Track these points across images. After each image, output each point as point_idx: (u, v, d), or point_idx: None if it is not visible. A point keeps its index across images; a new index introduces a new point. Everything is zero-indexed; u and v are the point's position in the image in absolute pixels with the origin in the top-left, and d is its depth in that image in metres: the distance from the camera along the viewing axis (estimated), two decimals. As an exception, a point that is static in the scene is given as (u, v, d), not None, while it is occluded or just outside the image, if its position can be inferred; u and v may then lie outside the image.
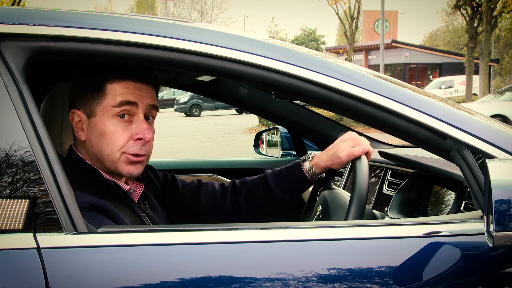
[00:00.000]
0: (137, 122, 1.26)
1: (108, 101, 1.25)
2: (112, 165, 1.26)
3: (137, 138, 1.25)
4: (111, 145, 1.25)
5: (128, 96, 1.25)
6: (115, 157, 1.25)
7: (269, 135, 2.93)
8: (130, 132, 1.26)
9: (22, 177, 0.96)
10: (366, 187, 1.23)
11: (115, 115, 1.25)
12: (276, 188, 1.52)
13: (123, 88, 1.25)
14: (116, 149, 1.25)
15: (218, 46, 1.11)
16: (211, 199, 1.56)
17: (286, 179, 1.53)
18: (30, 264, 0.91)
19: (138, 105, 1.26)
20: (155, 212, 1.42)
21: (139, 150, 1.26)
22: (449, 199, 1.58)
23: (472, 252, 1.06)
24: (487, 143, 1.10)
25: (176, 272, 0.96)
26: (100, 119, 1.26)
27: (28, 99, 1.00)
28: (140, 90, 1.27)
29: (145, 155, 1.28)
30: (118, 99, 1.24)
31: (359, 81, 1.14)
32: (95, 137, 1.27)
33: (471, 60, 19.04)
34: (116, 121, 1.25)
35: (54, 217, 0.96)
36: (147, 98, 1.28)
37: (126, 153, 1.25)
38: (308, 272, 0.98)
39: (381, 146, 2.27)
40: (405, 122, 1.13)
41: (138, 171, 1.29)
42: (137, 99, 1.26)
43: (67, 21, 1.07)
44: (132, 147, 1.25)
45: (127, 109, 1.25)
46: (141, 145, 1.26)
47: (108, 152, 1.25)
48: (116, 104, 1.24)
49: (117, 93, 1.25)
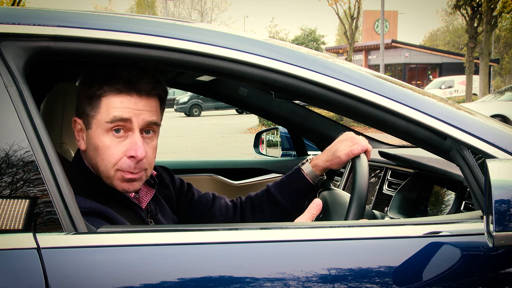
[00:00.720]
0: (131, 138, 1.20)
1: (102, 115, 1.19)
2: (107, 180, 1.23)
3: (130, 155, 1.20)
4: (105, 161, 1.21)
5: (122, 111, 1.18)
6: (110, 174, 1.21)
7: (269, 135, 2.93)
8: (124, 147, 1.20)
9: (22, 177, 0.96)
10: (366, 186, 1.23)
11: (109, 131, 1.19)
12: (279, 197, 1.51)
13: (117, 102, 1.18)
14: (110, 166, 1.20)
15: (218, 46, 1.11)
16: (223, 213, 1.55)
17: (288, 186, 1.51)
18: (30, 264, 0.91)
19: (132, 121, 1.19)
20: (164, 217, 1.39)
21: (132, 168, 1.21)
22: (449, 199, 1.58)
23: (472, 252, 1.06)
24: (487, 143, 1.10)
25: (176, 272, 0.96)
26: (95, 133, 1.21)
27: (28, 99, 1.00)
28: (136, 104, 1.19)
29: (139, 172, 1.23)
30: (110, 114, 1.18)
31: (359, 81, 1.14)
32: (91, 150, 1.23)
33: (471, 60, 19.04)
34: (111, 136, 1.20)
35: (54, 217, 0.95)
36: (144, 113, 1.20)
37: (120, 170, 1.21)
38: (308, 272, 0.98)
39: (381, 146, 2.27)
40: (405, 122, 1.13)
41: (135, 188, 1.24)
42: (132, 114, 1.19)
43: (67, 21, 1.07)
44: (125, 164, 1.20)
45: (120, 125, 1.19)
46: (134, 162, 1.20)
47: (102, 168, 1.22)
48: (108, 120, 1.18)
49: (110, 107, 1.18)
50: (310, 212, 1.21)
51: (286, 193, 1.50)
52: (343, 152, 1.39)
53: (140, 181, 1.25)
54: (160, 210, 1.40)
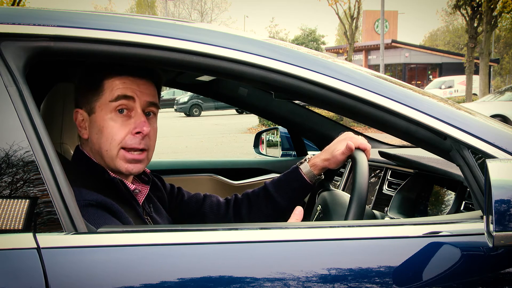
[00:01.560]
0: (136, 117, 1.26)
1: (106, 96, 1.25)
2: (111, 162, 1.26)
3: (136, 132, 1.25)
4: (109, 140, 1.25)
5: (125, 90, 1.25)
6: (114, 153, 1.25)
7: (269, 135, 2.93)
8: (128, 126, 1.25)
9: (22, 177, 0.96)
10: (366, 185, 1.24)
11: (113, 110, 1.25)
12: (276, 195, 1.52)
13: (120, 83, 1.25)
14: (114, 144, 1.24)
15: (218, 46, 1.11)
16: (215, 210, 1.57)
17: (285, 184, 1.52)
18: (30, 264, 0.91)
19: (135, 99, 1.25)
20: (159, 215, 1.41)
21: (137, 143, 1.25)
22: (449, 199, 1.58)
23: (472, 252, 1.06)
24: (487, 143, 1.10)
25: (176, 272, 0.96)
26: (99, 115, 1.26)
27: (28, 99, 1.00)
28: (138, 85, 1.27)
29: (144, 150, 1.27)
30: (115, 94, 1.24)
31: (359, 81, 1.14)
32: (95, 133, 1.27)
33: (471, 60, 19.04)
34: (115, 116, 1.25)
35: (54, 217, 0.96)
36: (145, 94, 1.27)
37: (124, 149, 1.25)
38: (308, 272, 0.98)
39: (381, 146, 2.27)
40: (405, 122, 1.13)
41: (138, 169, 1.28)
42: (134, 93, 1.25)
43: (67, 21, 1.07)
44: (130, 141, 1.25)
45: (124, 103, 1.24)
46: (140, 138, 1.25)
47: (107, 148, 1.25)
48: (113, 99, 1.24)
49: (114, 87, 1.25)
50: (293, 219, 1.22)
51: (284, 192, 1.51)
52: (340, 151, 1.41)
53: (143, 163, 1.29)
54: (155, 209, 1.42)
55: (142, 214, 1.32)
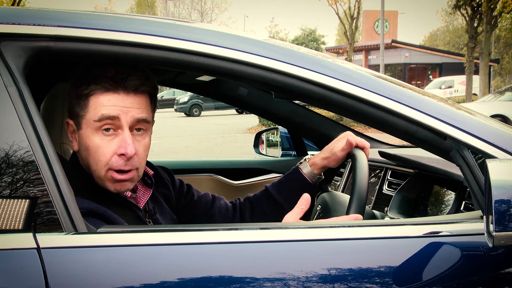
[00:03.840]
0: (121, 136, 1.19)
1: (91, 115, 1.19)
2: (99, 181, 1.23)
3: (120, 153, 1.19)
4: (96, 160, 1.20)
5: (109, 110, 1.18)
6: (101, 174, 1.21)
7: (269, 135, 2.92)
8: (114, 146, 1.19)
9: (22, 177, 0.96)
10: (366, 180, 1.24)
11: (98, 129, 1.19)
12: (278, 197, 1.51)
13: (105, 100, 1.18)
14: (101, 166, 1.20)
15: (218, 46, 1.11)
16: (223, 213, 1.56)
17: (286, 185, 1.52)
18: (30, 264, 0.91)
19: (120, 118, 1.18)
20: (163, 217, 1.39)
21: (123, 165, 1.20)
22: (449, 199, 1.57)
23: (472, 252, 1.06)
24: (487, 143, 1.10)
25: (176, 272, 0.96)
26: (85, 132, 1.21)
27: (28, 99, 1.00)
28: (123, 101, 1.19)
29: (130, 170, 1.22)
30: (98, 113, 1.18)
31: (359, 81, 1.14)
32: (83, 150, 1.23)
33: (471, 60, 19.04)
34: (101, 135, 1.19)
35: (54, 217, 0.95)
36: (133, 110, 1.20)
37: (111, 169, 1.20)
38: (308, 272, 0.98)
39: (381, 146, 2.27)
40: (405, 122, 1.13)
41: (126, 188, 1.24)
42: (120, 112, 1.18)
43: (67, 21, 1.07)
44: (116, 162, 1.20)
45: (108, 123, 1.18)
46: (125, 160, 1.20)
47: (94, 168, 1.22)
48: (97, 119, 1.18)
49: (98, 106, 1.18)
50: (300, 208, 1.21)
51: (285, 193, 1.51)
52: (339, 148, 1.42)
53: (132, 182, 1.25)
54: (159, 209, 1.40)
55: (143, 217, 1.30)
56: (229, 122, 19.56)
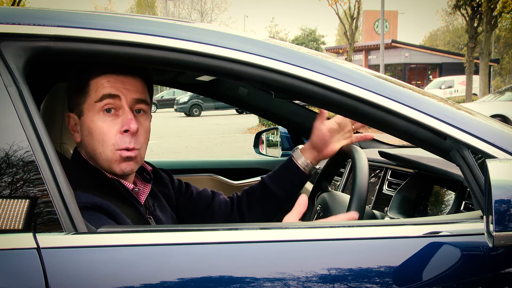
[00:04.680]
0: (123, 115, 1.23)
1: (92, 97, 1.23)
2: (105, 164, 1.25)
3: (123, 130, 1.23)
4: (101, 142, 1.23)
5: (110, 89, 1.23)
6: (108, 155, 1.23)
7: (269, 135, 2.92)
8: (117, 126, 1.23)
9: (22, 177, 0.96)
10: (366, 179, 1.25)
11: (100, 110, 1.23)
12: (272, 185, 1.55)
13: (105, 82, 1.23)
14: (107, 146, 1.23)
15: (218, 46, 1.11)
16: (223, 208, 1.58)
17: (280, 173, 1.56)
18: (30, 264, 0.91)
19: (121, 98, 1.23)
20: (163, 214, 1.40)
21: (128, 143, 1.23)
22: (449, 199, 1.57)
23: (472, 252, 1.06)
24: (487, 143, 1.10)
25: (176, 272, 0.96)
26: (87, 116, 1.24)
27: (28, 99, 1.00)
28: (123, 83, 1.24)
29: (134, 149, 1.24)
30: (99, 93, 1.22)
31: (359, 81, 1.14)
32: (86, 136, 1.26)
33: (471, 60, 19.04)
34: (102, 116, 1.23)
35: (54, 217, 0.95)
36: (131, 91, 1.25)
37: (118, 149, 1.23)
38: (308, 272, 0.98)
39: (381, 146, 2.27)
40: (405, 122, 1.13)
41: (131, 168, 1.26)
42: (119, 91, 1.23)
43: (67, 21, 1.07)
44: (121, 140, 1.23)
45: (110, 102, 1.22)
46: (129, 137, 1.23)
47: (100, 150, 1.24)
48: (98, 99, 1.22)
49: (99, 87, 1.23)
50: (297, 209, 1.22)
51: (280, 182, 1.55)
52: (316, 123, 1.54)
53: (137, 162, 1.27)
54: (159, 206, 1.41)
55: (144, 213, 1.31)
56: (229, 122, 19.56)
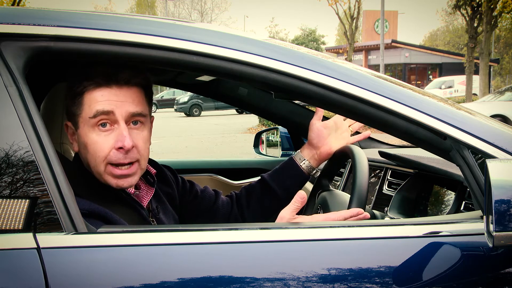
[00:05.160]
0: (117, 130, 1.20)
1: (86, 112, 1.20)
2: (100, 177, 1.23)
3: (117, 147, 1.19)
4: (94, 156, 1.20)
5: (103, 104, 1.19)
6: (100, 169, 1.21)
7: (269, 135, 2.92)
8: (112, 141, 1.20)
9: (22, 177, 0.96)
10: (366, 179, 1.26)
11: (95, 126, 1.20)
12: (272, 183, 1.57)
13: (98, 96, 1.19)
14: (99, 161, 1.20)
15: (218, 46, 1.11)
16: (225, 207, 1.59)
17: (280, 172, 1.58)
18: (30, 264, 0.91)
19: (115, 113, 1.19)
20: (166, 216, 1.39)
21: (122, 159, 1.20)
22: (449, 199, 1.57)
23: (472, 252, 1.06)
24: (487, 143, 1.10)
25: (176, 272, 0.96)
26: (82, 130, 1.22)
27: (28, 99, 1.00)
28: (116, 96, 1.20)
29: (131, 163, 1.22)
30: (93, 110, 1.19)
31: (359, 81, 1.14)
32: (81, 149, 1.24)
33: (471, 60, 19.04)
34: (97, 131, 1.20)
35: (54, 217, 0.95)
36: (127, 104, 1.20)
37: (110, 164, 1.20)
38: (308, 272, 0.98)
39: (381, 146, 2.27)
40: (405, 122, 1.13)
41: (129, 183, 1.23)
42: (113, 106, 1.19)
43: (67, 21, 1.07)
44: (114, 156, 1.20)
45: (103, 118, 1.19)
46: (123, 153, 1.20)
47: (93, 164, 1.22)
48: (92, 115, 1.19)
49: (92, 102, 1.19)
50: (295, 205, 1.20)
51: (280, 181, 1.57)
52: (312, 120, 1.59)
53: (135, 176, 1.24)
54: (162, 209, 1.40)
55: (147, 216, 1.30)
56: (229, 122, 19.56)
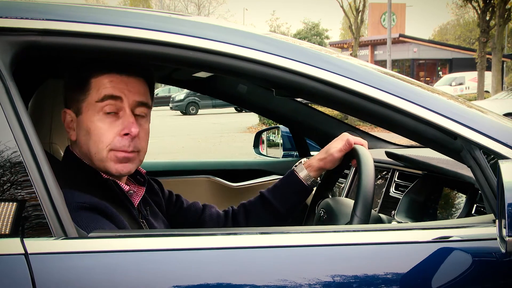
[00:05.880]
0: (124, 117, 1.25)
1: (93, 96, 1.24)
2: (101, 164, 1.26)
3: (124, 133, 1.24)
4: (97, 142, 1.24)
5: (112, 90, 1.24)
6: (103, 155, 1.24)
7: (269, 135, 2.93)
8: (117, 128, 1.24)
9: (9, 179, 0.96)
10: (372, 181, 1.25)
11: (100, 111, 1.24)
12: (274, 201, 1.54)
13: (107, 82, 1.24)
14: (102, 147, 1.24)
15: (216, 41, 1.11)
16: (214, 219, 1.59)
17: (282, 189, 1.56)
18: (18, 271, 0.91)
19: (123, 99, 1.24)
20: (155, 219, 1.42)
21: (126, 146, 1.24)
22: (460, 202, 1.58)
23: (484, 258, 1.06)
24: (500, 143, 1.10)
25: (171, 279, 0.96)
26: (86, 116, 1.25)
27: (15, 97, 1.00)
28: (126, 84, 1.25)
29: (133, 151, 1.26)
30: (101, 93, 1.23)
31: (364, 78, 1.14)
32: (83, 136, 1.27)
33: (483, 56, 19.05)
34: (102, 117, 1.24)
35: (43, 221, 0.95)
36: (134, 93, 1.26)
37: (114, 150, 1.24)
38: (311, 280, 0.98)
39: (388, 146, 2.27)
40: (413, 121, 1.14)
41: (128, 170, 1.27)
42: (121, 93, 1.24)
43: (56, 14, 1.07)
44: (119, 143, 1.24)
45: (111, 103, 1.23)
46: (129, 140, 1.24)
47: (95, 151, 1.25)
48: (99, 99, 1.23)
49: (101, 87, 1.24)
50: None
51: (281, 197, 1.55)
52: (336, 149, 1.46)
53: (134, 163, 1.28)
54: (151, 212, 1.42)
55: (137, 217, 1.32)
56: (227, 121, 19.58)
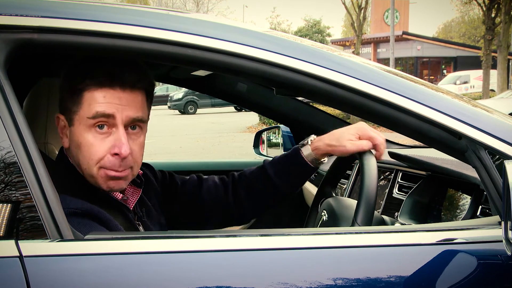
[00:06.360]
0: (115, 135, 1.21)
1: (84, 111, 1.20)
2: (91, 179, 1.24)
3: (114, 152, 1.20)
4: (87, 158, 1.21)
5: (104, 107, 1.19)
6: (93, 172, 1.22)
7: (270, 135, 2.93)
8: (108, 144, 1.21)
9: (3, 180, 0.96)
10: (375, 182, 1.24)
11: (91, 126, 1.20)
12: (275, 177, 1.51)
13: (100, 97, 1.20)
14: (92, 164, 1.21)
15: (215, 39, 1.11)
16: (213, 194, 1.55)
17: (285, 167, 1.51)
18: (12, 274, 0.91)
19: (115, 116, 1.20)
20: (150, 220, 1.41)
21: (116, 166, 1.21)
22: (465, 204, 1.58)
23: (489, 260, 1.06)
24: (506, 143, 1.10)
25: (169, 282, 0.96)
26: (77, 129, 1.22)
27: (10, 96, 1.00)
28: (120, 99, 1.20)
29: (124, 171, 1.23)
30: (92, 110, 1.19)
31: (367, 76, 1.14)
32: (74, 147, 1.24)
33: (488, 54, 19.06)
34: (94, 132, 1.21)
35: (38, 223, 0.95)
36: (128, 108, 1.21)
37: (104, 168, 1.21)
38: (312, 282, 0.98)
39: (391, 147, 2.27)
40: (416, 121, 1.14)
41: (120, 187, 1.25)
42: (115, 110, 1.20)
43: (52, 11, 1.06)
44: (109, 162, 1.21)
45: (103, 120, 1.20)
46: (119, 160, 1.21)
47: (85, 166, 1.22)
48: (91, 116, 1.20)
49: (93, 102, 1.20)
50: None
51: (283, 175, 1.50)
52: (350, 142, 1.35)
53: (126, 180, 1.26)
54: (147, 212, 1.41)
55: (133, 219, 1.31)
56: (227, 121, 19.59)
